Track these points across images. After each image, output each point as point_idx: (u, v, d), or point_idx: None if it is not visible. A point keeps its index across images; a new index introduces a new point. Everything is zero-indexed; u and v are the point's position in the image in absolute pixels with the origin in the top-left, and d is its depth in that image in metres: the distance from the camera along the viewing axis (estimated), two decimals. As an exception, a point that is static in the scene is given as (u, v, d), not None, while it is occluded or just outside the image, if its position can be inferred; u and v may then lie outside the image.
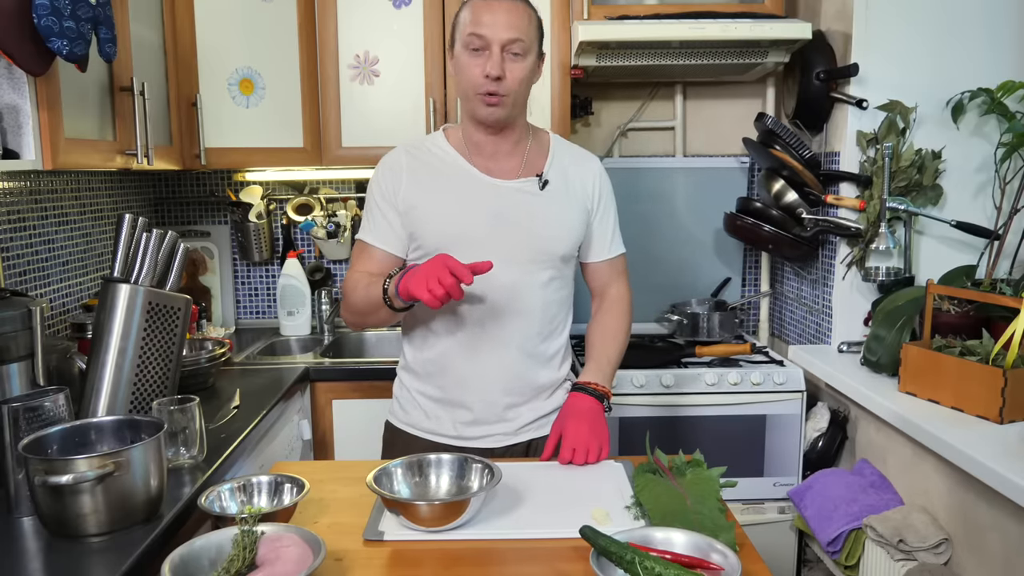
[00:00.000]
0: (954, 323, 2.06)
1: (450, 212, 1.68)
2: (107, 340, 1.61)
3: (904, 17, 2.27)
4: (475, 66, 1.61)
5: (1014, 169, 2.20)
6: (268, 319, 3.01)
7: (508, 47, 1.59)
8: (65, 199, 2.26)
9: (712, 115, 2.96)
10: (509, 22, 1.59)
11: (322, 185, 2.96)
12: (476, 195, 1.69)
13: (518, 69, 1.61)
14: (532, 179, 1.71)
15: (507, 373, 1.70)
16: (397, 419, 1.81)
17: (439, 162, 1.72)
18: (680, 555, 1.15)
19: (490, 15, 1.59)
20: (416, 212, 1.68)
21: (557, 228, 1.70)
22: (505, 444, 1.73)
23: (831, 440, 2.35)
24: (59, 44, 1.48)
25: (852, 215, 2.35)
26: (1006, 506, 1.57)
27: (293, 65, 2.54)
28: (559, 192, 1.72)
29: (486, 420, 1.72)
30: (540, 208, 1.69)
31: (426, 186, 1.69)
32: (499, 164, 1.71)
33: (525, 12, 1.63)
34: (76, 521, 1.25)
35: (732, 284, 2.98)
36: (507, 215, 1.67)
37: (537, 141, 1.77)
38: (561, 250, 1.71)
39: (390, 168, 1.72)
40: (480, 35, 1.59)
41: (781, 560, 2.48)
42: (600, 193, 1.78)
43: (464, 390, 1.71)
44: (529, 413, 1.74)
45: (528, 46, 1.62)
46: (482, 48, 1.60)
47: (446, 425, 1.73)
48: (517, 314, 1.69)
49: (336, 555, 1.24)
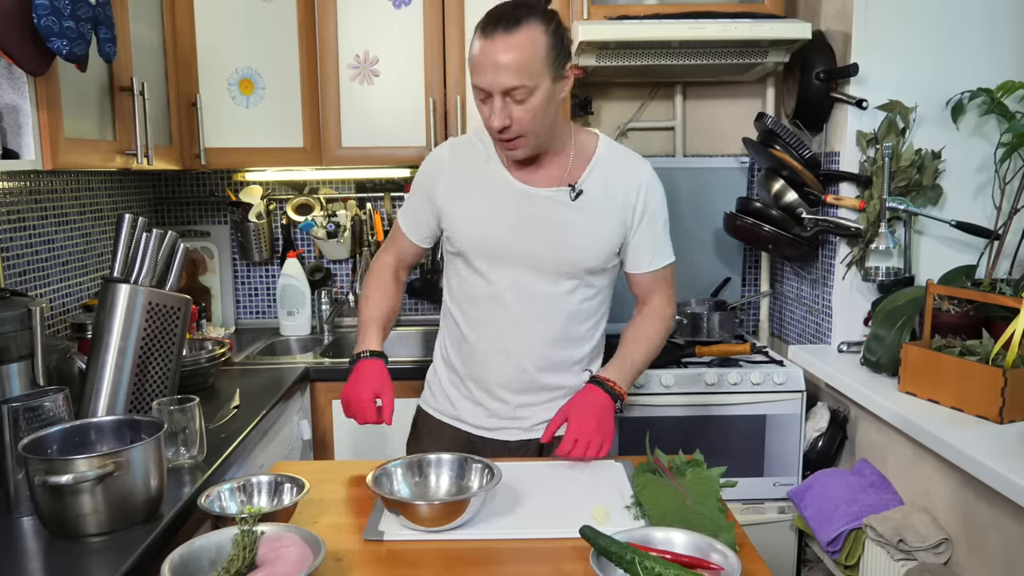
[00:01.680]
0: (954, 323, 2.06)
1: (479, 215, 1.68)
2: (107, 340, 1.61)
3: (904, 17, 2.27)
4: (484, 111, 1.57)
5: (1014, 169, 2.20)
6: (268, 319, 3.01)
7: (509, 94, 1.51)
8: (65, 199, 2.26)
9: (712, 115, 2.96)
10: (508, 64, 1.48)
11: (322, 185, 2.96)
12: (505, 201, 1.68)
13: (524, 111, 1.53)
14: (564, 189, 1.67)
15: (520, 378, 1.72)
16: (427, 404, 1.88)
17: (482, 162, 1.71)
18: (680, 555, 1.15)
19: (488, 58, 1.49)
20: (449, 210, 1.72)
21: (585, 240, 1.67)
22: (519, 439, 1.77)
23: (831, 440, 2.35)
24: (59, 44, 1.48)
25: (852, 215, 2.35)
26: (1006, 506, 1.57)
27: (293, 65, 2.54)
28: (594, 203, 1.67)
29: (499, 415, 1.76)
30: (570, 220, 1.66)
31: (461, 186, 1.72)
32: (537, 172, 1.69)
33: (528, 41, 1.49)
34: (76, 521, 1.25)
35: (732, 284, 2.97)
36: (532, 224, 1.66)
37: (581, 147, 1.71)
38: (588, 263, 1.68)
39: (435, 160, 1.77)
40: (480, 88, 1.53)
41: (781, 560, 2.48)
42: (644, 203, 1.70)
43: (478, 386, 1.76)
44: (544, 413, 1.75)
45: (534, 84, 1.51)
46: (485, 97, 1.54)
47: (465, 414, 1.79)
48: (536, 322, 1.70)
49: (336, 555, 1.24)
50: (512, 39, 1.48)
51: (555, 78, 1.55)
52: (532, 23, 1.50)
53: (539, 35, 1.51)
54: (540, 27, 1.51)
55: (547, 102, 1.55)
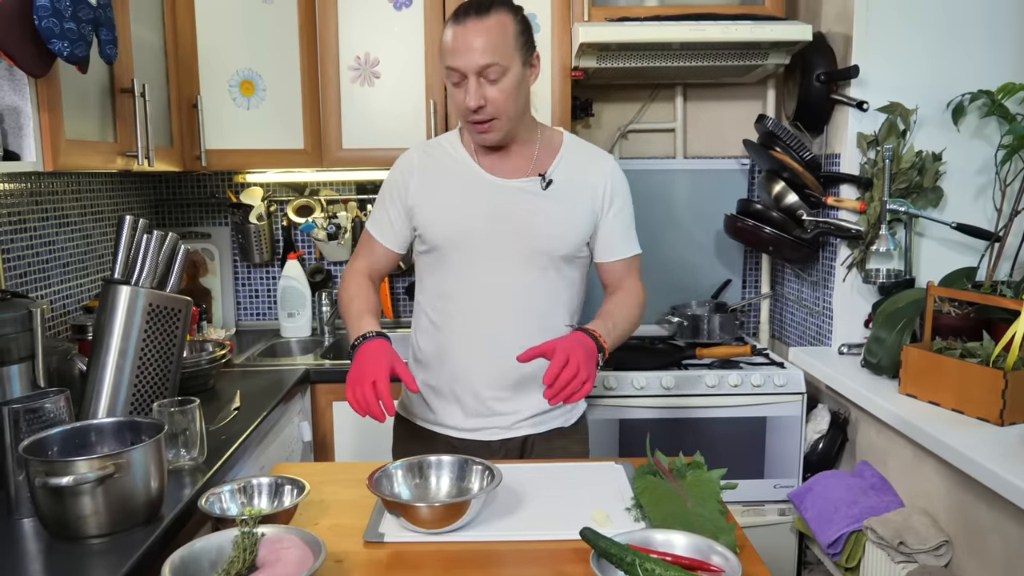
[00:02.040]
0: (955, 325, 2.06)
1: (451, 209, 1.71)
2: (107, 342, 1.61)
3: (904, 19, 2.27)
4: (458, 94, 1.63)
5: (1014, 171, 2.20)
6: (268, 321, 3.01)
7: (483, 73, 1.59)
8: (66, 201, 2.26)
9: (712, 117, 2.96)
10: (481, 46, 1.57)
11: (322, 187, 2.96)
12: (477, 193, 1.71)
13: (498, 91, 1.61)
14: (535, 178, 1.72)
15: (495, 369, 1.72)
16: (403, 409, 1.86)
17: (450, 160, 1.75)
18: (680, 557, 1.15)
19: (461, 42, 1.59)
20: (421, 209, 1.72)
21: (557, 228, 1.70)
22: (501, 438, 1.76)
23: (831, 442, 2.35)
24: (60, 46, 1.48)
25: (852, 217, 2.35)
26: (1007, 508, 1.57)
27: (294, 67, 2.54)
28: (564, 192, 1.72)
29: (479, 413, 1.74)
30: (541, 208, 1.70)
31: (433, 184, 1.73)
32: (505, 164, 1.73)
33: (498, 25, 1.59)
34: (76, 523, 1.25)
35: (732, 286, 2.98)
36: (506, 214, 1.69)
37: (547, 140, 1.77)
38: (561, 250, 1.71)
39: (404, 164, 1.78)
40: (454, 68, 1.60)
41: (781, 562, 2.48)
42: (612, 191, 1.76)
43: (456, 383, 1.74)
44: (523, 410, 1.75)
45: (507, 64, 1.60)
46: (460, 80, 1.61)
47: (444, 417, 1.77)
48: (513, 312, 1.71)
49: (336, 557, 1.24)
50: (484, 23, 1.58)
51: (524, 63, 1.64)
52: (501, 10, 1.61)
53: (508, 21, 1.61)
54: (509, 15, 1.62)
55: (518, 85, 1.63)
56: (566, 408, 1.80)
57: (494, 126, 1.64)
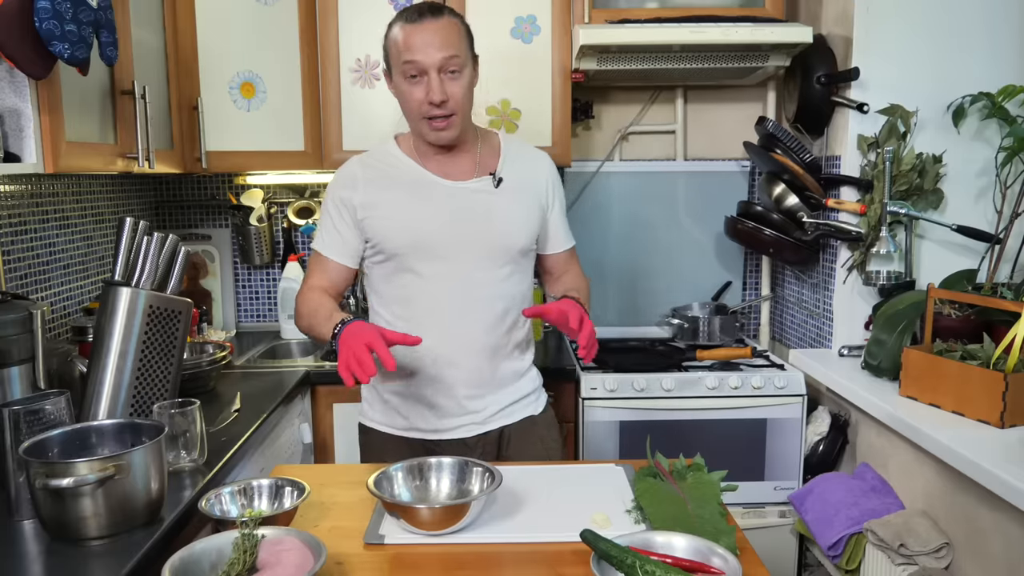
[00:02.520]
0: (955, 327, 2.06)
1: (409, 217, 1.71)
2: (108, 343, 1.61)
3: (905, 21, 2.27)
4: (416, 92, 1.64)
5: (1015, 173, 2.20)
6: (269, 322, 3.01)
7: (444, 67, 1.62)
8: (66, 202, 2.26)
9: (713, 119, 2.96)
10: (441, 42, 1.61)
11: (323, 189, 2.96)
12: (433, 199, 1.73)
13: (458, 86, 1.65)
14: (487, 178, 1.76)
15: (467, 367, 1.74)
16: (368, 419, 1.85)
17: (394, 170, 1.76)
18: (681, 559, 1.15)
19: (419, 37, 1.61)
20: (374, 220, 1.72)
21: (515, 223, 1.76)
22: (476, 433, 1.77)
23: (832, 444, 2.34)
24: (60, 48, 1.48)
25: (853, 219, 2.35)
26: (1007, 510, 1.57)
27: (294, 68, 2.54)
28: (514, 189, 1.77)
29: (451, 413, 1.75)
30: (497, 205, 1.74)
31: (383, 194, 1.73)
32: (453, 167, 1.76)
33: (453, 26, 1.65)
34: (77, 524, 1.25)
35: (733, 288, 2.98)
36: (465, 215, 1.72)
37: (487, 142, 1.81)
38: (520, 244, 1.76)
39: (345, 179, 1.77)
40: (414, 61, 1.62)
41: (782, 564, 2.48)
42: (553, 186, 1.85)
43: (425, 385, 1.74)
44: (494, 404, 1.77)
45: (463, 60, 1.65)
46: (419, 74, 1.63)
47: (416, 420, 1.77)
48: (478, 310, 1.73)
49: (337, 559, 1.24)
50: (440, 22, 1.64)
51: (473, 64, 1.71)
52: (452, 15, 1.68)
53: (459, 24, 1.68)
54: (458, 19, 1.68)
55: (471, 84, 1.69)
56: (533, 397, 1.86)
57: (452, 122, 1.67)
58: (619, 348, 2.67)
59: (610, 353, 2.54)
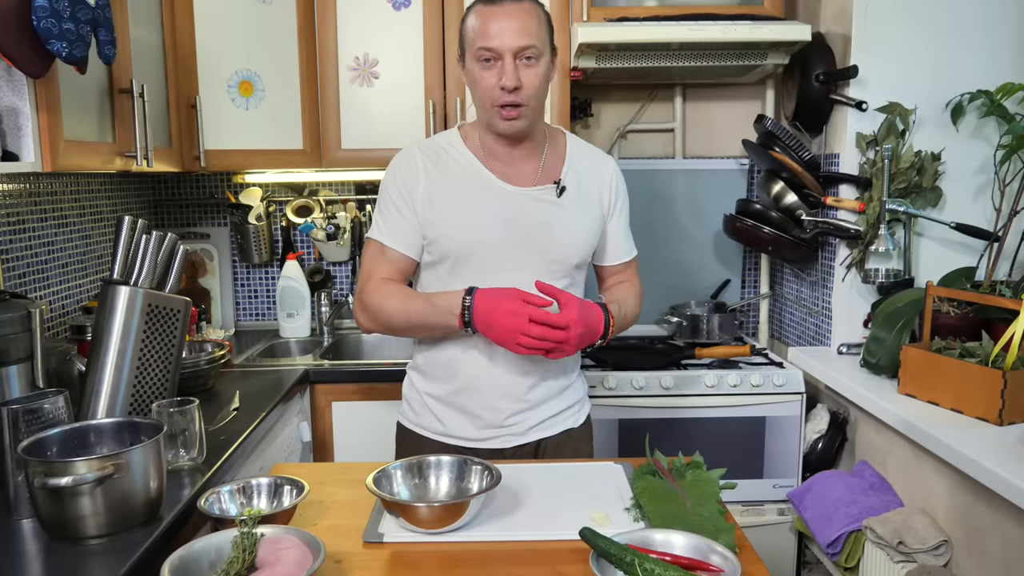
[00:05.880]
0: (954, 325, 2.06)
1: (466, 218, 1.64)
2: (107, 342, 1.61)
3: (903, 19, 2.27)
4: (489, 77, 1.57)
5: (1013, 171, 2.20)
6: (268, 321, 3.01)
7: (521, 54, 1.56)
8: (64, 201, 2.26)
9: (711, 117, 2.97)
10: (519, 28, 1.54)
11: (321, 187, 2.96)
12: (493, 203, 1.66)
13: (533, 75, 1.57)
14: (550, 187, 1.68)
15: (512, 383, 1.69)
16: (407, 420, 1.82)
17: (455, 165, 1.68)
18: (680, 557, 1.15)
19: (498, 23, 1.55)
20: (433, 215, 1.65)
21: (572, 236, 1.69)
22: (514, 445, 1.73)
23: (831, 442, 2.35)
24: (58, 46, 1.48)
25: (852, 217, 2.35)
26: (1006, 508, 1.57)
27: (293, 67, 2.54)
28: (575, 199, 1.69)
29: (491, 424, 1.71)
30: (556, 217, 1.67)
31: (443, 189, 1.66)
32: (516, 170, 1.68)
33: (534, 12, 1.58)
34: (76, 523, 1.25)
35: (732, 286, 2.98)
36: (523, 224, 1.65)
37: (554, 144, 1.74)
38: (575, 259, 1.70)
39: (407, 167, 1.68)
40: (490, 48, 1.55)
41: (781, 562, 2.48)
42: (616, 194, 1.77)
43: (468, 396, 1.70)
44: (534, 417, 1.73)
45: (541, 48, 1.58)
46: (494, 59, 1.56)
47: (454, 428, 1.73)
48: None
49: (336, 557, 1.24)
50: (521, 7, 1.57)
51: (551, 55, 1.63)
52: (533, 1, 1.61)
53: (540, 11, 1.61)
54: (539, 7, 1.61)
55: (547, 75, 1.62)
56: (575, 408, 1.80)
57: (523, 112, 1.59)
58: (618, 346, 2.67)
59: (609, 351, 2.53)
